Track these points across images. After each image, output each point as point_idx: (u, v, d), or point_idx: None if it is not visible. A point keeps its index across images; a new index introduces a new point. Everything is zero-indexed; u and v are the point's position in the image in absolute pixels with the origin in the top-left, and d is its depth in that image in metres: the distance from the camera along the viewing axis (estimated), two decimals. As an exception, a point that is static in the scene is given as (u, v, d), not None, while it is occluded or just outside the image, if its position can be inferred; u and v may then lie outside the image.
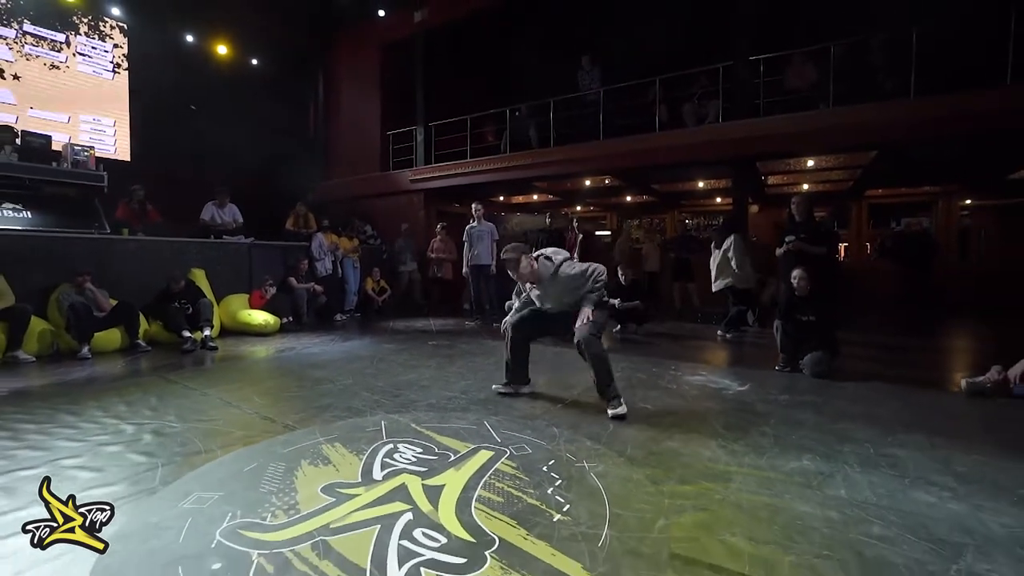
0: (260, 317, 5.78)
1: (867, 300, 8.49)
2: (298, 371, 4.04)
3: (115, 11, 8.54)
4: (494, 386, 3.33)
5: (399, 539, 1.58)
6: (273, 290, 6.27)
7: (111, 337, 4.69)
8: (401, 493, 1.89)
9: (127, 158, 8.80)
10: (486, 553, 1.51)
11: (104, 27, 8.56)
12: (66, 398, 3.15)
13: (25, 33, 7.63)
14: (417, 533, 1.62)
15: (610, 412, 2.78)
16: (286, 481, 2.00)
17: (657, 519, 1.70)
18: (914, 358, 4.74)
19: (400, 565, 1.45)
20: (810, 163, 7.22)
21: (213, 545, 1.55)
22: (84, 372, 3.91)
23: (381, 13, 9.21)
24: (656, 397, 3.19)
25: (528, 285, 3.16)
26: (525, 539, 1.58)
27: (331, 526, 1.67)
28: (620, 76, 7.46)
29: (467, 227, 6.79)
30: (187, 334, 4.85)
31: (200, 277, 5.78)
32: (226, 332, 5.82)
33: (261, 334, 5.73)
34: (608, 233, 12.18)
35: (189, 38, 9.41)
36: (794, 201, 4.79)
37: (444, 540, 1.58)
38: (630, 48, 8.12)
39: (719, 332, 5.55)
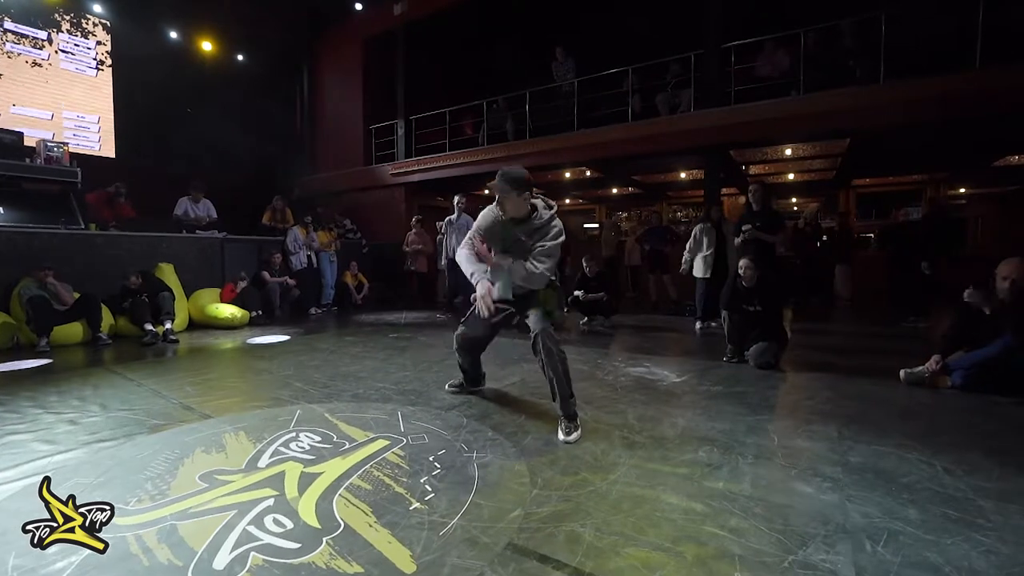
0: (227, 311, 5.84)
1: (857, 291, 8.34)
2: (246, 363, 4.08)
3: (97, 8, 8.62)
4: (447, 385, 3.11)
5: (247, 524, 1.59)
6: (245, 284, 6.31)
7: (72, 331, 4.76)
8: (275, 481, 1.90)
9: (112, 155, 8.91)
10: (324, 539, 1.51)
11: (87, 24, 8.65)
12: (1, 390, 3.20)
13: (6, 31, 7.74)
14: (268, 519, 1.62)
15: (561, 436, 2.28)
16: (171, 468, 2.01)
17: (514, 510, 1.68)
18: (875, 348, 4.65)
19: (233, 549, 1.45)
20: (787, 151, 7.09)
21: (62, 530, 1.56)
22: (35, 364, 3.97)
23: (359, 6, 9.19)
24: (584, 388, 3.15)
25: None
26: (370, 526, 1.58)
27: (190, 511, 1.68)
28: (594, 67, 7.37)
29: (446, 219, 6.65)
30: (149, 327, 4.91)
31: (169, 272, 5.84)
32: (195, 326, 5.89)
33: (228, 327, 5.79)
34: (596, 226, 12.10)
35: (173, 35, 9.47)
36: (751, 190, 4.72)
37: (291, 526, 1.58)
38: (603, 38, 8.02)
39: (697, 326, 5.49)
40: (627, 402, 2.90)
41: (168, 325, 5.03)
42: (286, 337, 5.24)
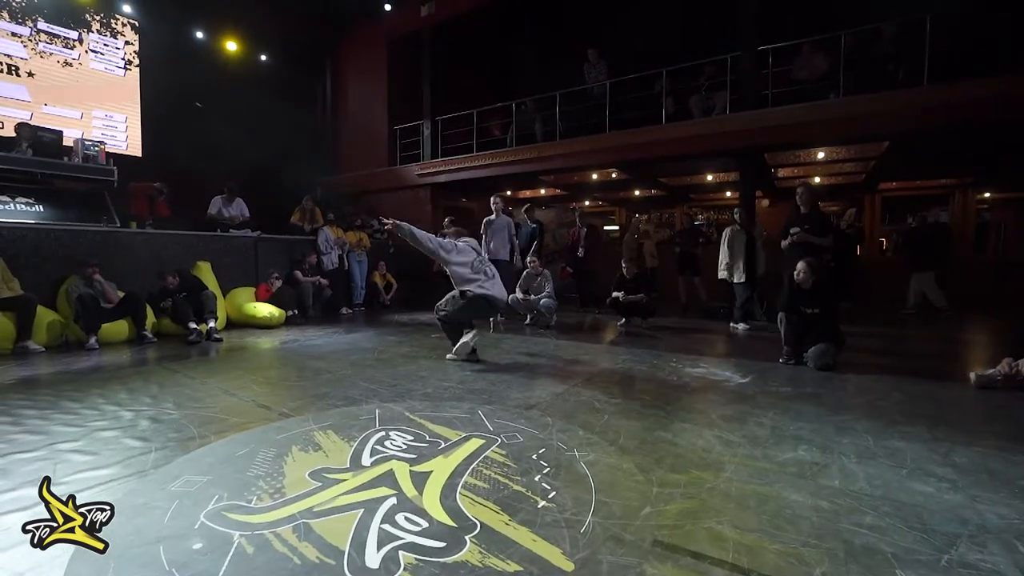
0: (265, 310, 5.84)
1: (882, 294, 8.32)
2: (299, 362, 4.07)
3: (127, 8, 8.66)
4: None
5: (380, 523, 1.58)
6: (279, 283, 6.31)
7: (118, 328, 4.76)
8: (388, 479, 1.89)
9: (139, 153, 8.93)
10: (466, 537, 1.50)
11: (116, 24, 8.68)
12: (70, 386, 3.20)
13: (39, 31, 7.77)
14: (399, 517, 1.61)
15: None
16: (275, 466, 2.01)
17: (643, 507, 1.67)
18: (924, 351, 4.64)
19: (379, 548, 1.45)
20: (820, 155, 7.08)
21: (196, 526, 1.56)
22: (90, 362, 3.98)
23: (388, 7, 9.21)
24: (654, 388, 3.16)
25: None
26: (507, 524, 1.57)
27: (314, 509, 1.67)
28: (626, 69, 7.37)
29: (485, 219, 6.50)
30: (193, 326, 4.91)
31: (206, 270, 5.85)
32: (232, 325, 5.89)
33: (266, 327, 5.79)
34: (617, 228, 12.10)
35: (199, 35, 9.51)
36: (799, 192, 4.70)
37: (425, 524, 1.57)
38: (636, 41, 8.02)
39: (740, 327, 5.48)
40: (703, 402, 2.89)
41: (212, 324, 5.03)
42: (326, 337, 5.23)
